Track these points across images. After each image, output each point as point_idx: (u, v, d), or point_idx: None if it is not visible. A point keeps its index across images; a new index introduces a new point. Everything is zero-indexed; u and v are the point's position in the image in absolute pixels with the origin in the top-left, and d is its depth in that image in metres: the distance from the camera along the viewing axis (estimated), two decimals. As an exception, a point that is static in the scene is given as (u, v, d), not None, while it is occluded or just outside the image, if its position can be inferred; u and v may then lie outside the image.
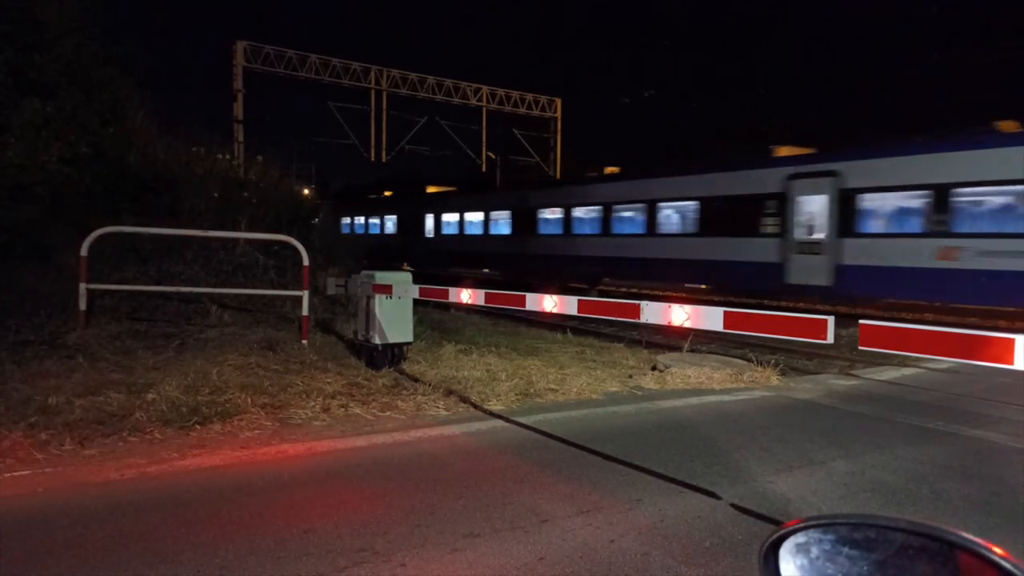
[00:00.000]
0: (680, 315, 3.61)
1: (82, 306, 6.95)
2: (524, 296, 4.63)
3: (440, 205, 28.05)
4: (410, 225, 29.39)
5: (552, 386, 6.32)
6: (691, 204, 17.60)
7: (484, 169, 36.78)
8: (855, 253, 14.12)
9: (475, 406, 5.58)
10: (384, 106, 32.94)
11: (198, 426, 4.62)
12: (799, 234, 15.08)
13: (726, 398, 6.28)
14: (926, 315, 14.36)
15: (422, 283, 6.11)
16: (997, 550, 0.76)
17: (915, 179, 13.31)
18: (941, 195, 12.84)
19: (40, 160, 9.46)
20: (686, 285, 19.22)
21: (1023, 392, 6.60)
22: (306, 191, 16.91)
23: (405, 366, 6.69)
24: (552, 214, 22.14)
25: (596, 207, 20.41)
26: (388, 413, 5.24)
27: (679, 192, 17.93)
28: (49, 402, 4.73)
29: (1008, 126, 13.00)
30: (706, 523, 3.29)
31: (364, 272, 6.72)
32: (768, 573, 0.92)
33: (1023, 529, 3.39)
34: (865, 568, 0.86)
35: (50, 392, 4.94)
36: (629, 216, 19.42)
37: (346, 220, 33.74)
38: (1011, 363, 2.36)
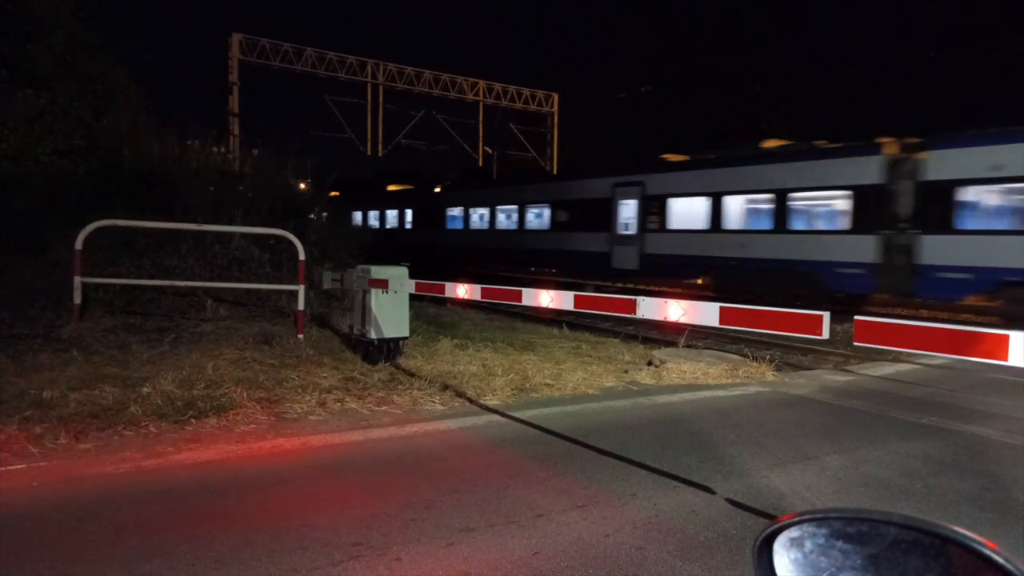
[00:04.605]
0: (676, 310, 3.60)
1: (77, 300, 6.93)
2: (520, 292, 4.63)
3: (392, 202, 32.59)
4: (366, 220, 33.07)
5: (548, 381, 6.32)
6: (546, 207, 22.20)
7: (481, 164, 36.79)
8: (654, 244, 18.24)
9: (471, 401, 5.58)
10: (380, 100, 32.80)
11: (193, 420, 4.62)
12: (619, 229, 19.18)
13: (721, 393, 6.29)
14: (921, 311, 14.56)
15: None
16: (989, 544, 0.76)
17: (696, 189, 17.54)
18: (716, 201, 16.81)
19: (34, 152, 9.41)
20: (545, 270, 23.05)
21: (1016, 388, 6.63)
22: (302, 185, 16.88)
23: (401, 361, 6.69)
24: (456, 212, 26.93)
25: (486, 208, 25.22)
26: (384, 408, 5.25)
27: (538, 197, 22.77)
28: (44, 396, 4.72)
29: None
30: (701, 517, 3.30)
31: (360, 266, 6.70)
32: (762, 567, 0.92)
33: (1016, 524, 3.42)
34: (858, 562, 0.86)
35: (45, 386, 4.94)
36: (507, 215, 24.17)
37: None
38: (1005, 359, 2.36)
